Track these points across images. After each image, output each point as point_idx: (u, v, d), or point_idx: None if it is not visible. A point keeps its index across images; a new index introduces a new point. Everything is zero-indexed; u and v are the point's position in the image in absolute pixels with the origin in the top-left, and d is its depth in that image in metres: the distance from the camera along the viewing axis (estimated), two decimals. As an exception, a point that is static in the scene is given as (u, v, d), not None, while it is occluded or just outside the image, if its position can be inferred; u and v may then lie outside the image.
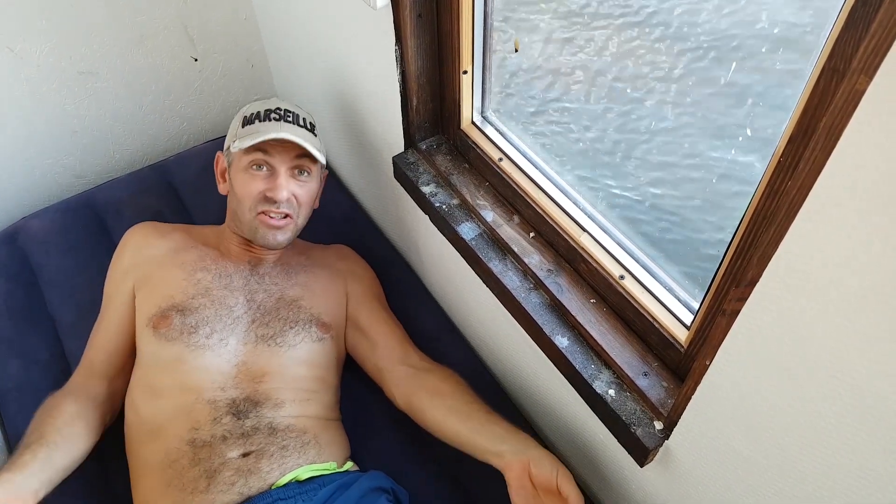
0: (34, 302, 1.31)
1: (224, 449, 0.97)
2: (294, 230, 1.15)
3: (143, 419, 1.02)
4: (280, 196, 1.09)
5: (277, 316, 1.10)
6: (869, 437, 0.56)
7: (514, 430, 0.95)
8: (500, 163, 1.05)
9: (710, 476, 0.79)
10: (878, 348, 0.52)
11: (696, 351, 0.79)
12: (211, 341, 1.04)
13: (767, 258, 0.57)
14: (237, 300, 1.10)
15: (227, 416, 1.00)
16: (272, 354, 1.06)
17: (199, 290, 1.09)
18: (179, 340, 1.03)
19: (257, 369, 1.05)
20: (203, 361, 1.03)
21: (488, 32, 1.01)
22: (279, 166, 1.09)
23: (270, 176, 1.10)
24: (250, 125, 1.11)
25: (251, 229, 1.11)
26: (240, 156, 1.10)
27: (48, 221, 1.41)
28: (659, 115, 1.13)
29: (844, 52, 0.47)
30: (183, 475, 0.95)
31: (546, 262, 0.98)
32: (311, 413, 1.06)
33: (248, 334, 1.07)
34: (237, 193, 1.12)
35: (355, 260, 1.28)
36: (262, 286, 1.13)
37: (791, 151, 0.57)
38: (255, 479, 0.95)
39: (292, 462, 0.98)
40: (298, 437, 1.01)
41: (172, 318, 1.05)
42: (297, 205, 1.13)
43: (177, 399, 1.01)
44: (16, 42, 1.34)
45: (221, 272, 1.13)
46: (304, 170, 1.13)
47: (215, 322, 1.06)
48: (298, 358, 1.08)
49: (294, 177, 1.12)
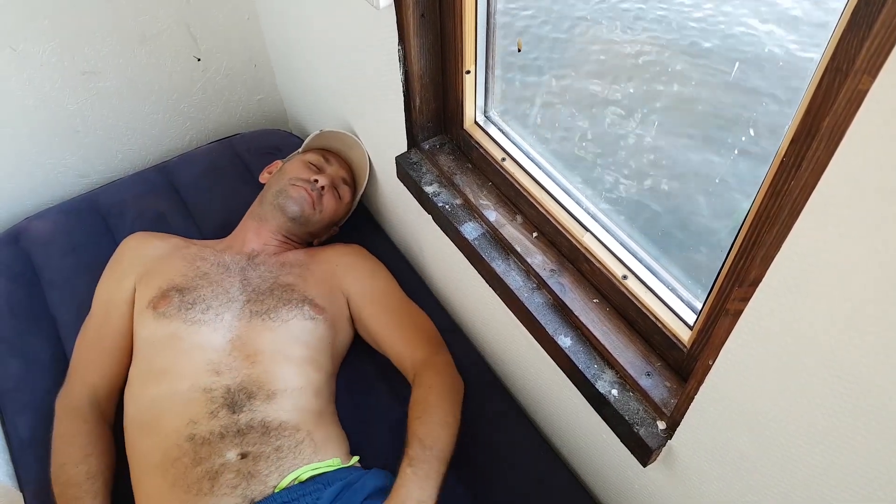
0: (36, 302, 1.32)
1: (223, 448, 0.97)
2: (308, 215, 1.24)
3: (140, 409, 1.04)
4: (323, 180, 1.25)
5: (270, 295, 1.14)
6: (871, 437, 0.56)
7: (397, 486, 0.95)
8: (502, 163, 1.05)
9: (713, 475, 0.79)
10: (880, 348, 0.52)
11: (699, 351, 0.80)
12: (207, 316, 1.09)
13: (770, 258, 0.57)
14: (233, 283, 1.15)
15: (222, 408, 1.01)
16: (265, 328, 1.09)
17: (198, 274, 1.15)
18: (177, 317, 1.08)
19: (251, 346, 1.07)
20: (199, 338, 1.06)
21: (491, 32, 1.01)
22: (329, 171, 1.29)
23: (320, 170, 1.28)
24: (323, 134, 1.35)
25: (279, 192, 1.24)
26: (301, 155, 1.31)
27: (51, 222, 1.42)
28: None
29: (847, 52, 0.47)
30: (187, 475, 0.96)
31: (549, 261, 0.98)
32: (303, 405, 1.06)
33: (242, 311, 1.12)
34: (284, 170, 1.28)
35: (363, 259, 1.28)
36: (258, 273, 1.19)
37: (794, 151, 0.57)
38: (255, 483, 0.96)
39: (288, 463, 0.99)
40: (291, 437, 1.01)
41: (172, 297, 1.10)
42: (324, 204, 1.26)
43: (172, 385, 1.02)
44: (18, 42, 1.34)
45: (219, 262, 1.19)
46: (347, 186, 1.31)
47: (212, 299, 1.11)
48: (291, 334, 1.10)
49: (336, 186, 1.29)
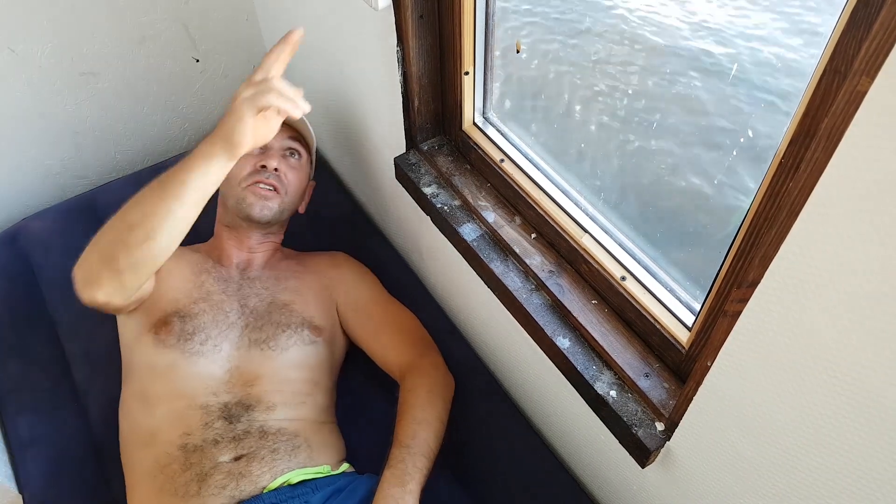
0: (34, 303, 1.32)
1: (216, 453, 0.97)
2: (280, 207, 1.16)
3: (136, 427, 1.03)
4: (270, 164, 1.14)
5: (270, 320, 1.11)
6: (869, 438, 0.56)
7: None
8: (501, 164, 1.05)
9: (712, 477, 0.79)
10: (879, 348, 0.52)
11: (697, 352, 0.80)
12: (205, 348, 1.05)
13: (769, 259, 0.57)
14: (232, 306, 1.11)
15: (218, 420, 1.00)
16: (265, 358, 1.07)
17: (202, 295, 1.10)
18: (176, 347, 1.04)
19: (250, 373, 1.05)
20: (196, 368, 1.03)
21: (490, 33, 1.01)
22: (273, 142, 1.15)
23: (263, 154, 1.16)
24: None
25: (238, 201, 1.14)
26: None
27: (49, 222, 1.41)
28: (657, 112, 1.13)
29: (846, 53, 0.47)
30: (174, 480, 0.95)
31: (547, 263, 0.98)
32: (303, 416, 1.06)
33: (241, 339, 1.08)
34: (230, 175, 1.13)
35: (348, 267, 1.27)
36: (254, 290, 1.14)
37: (792, 153, 0.57)
38: (246, 483, 0.95)
39: (283, 465, 0.98)
40: (289, 441, 1.01)
41: (173, 324, 1.06)
42: (285, 182, 1.16)
43: (170, 405, 1.01)
44: (17, 43, 1.34)
45: (219, 276, 1.15)
46: (296, 152, 1.19)
47: (211, 328, 1.07)
48: (290, 361, 1.08)
49: (284, 158, 1.17)
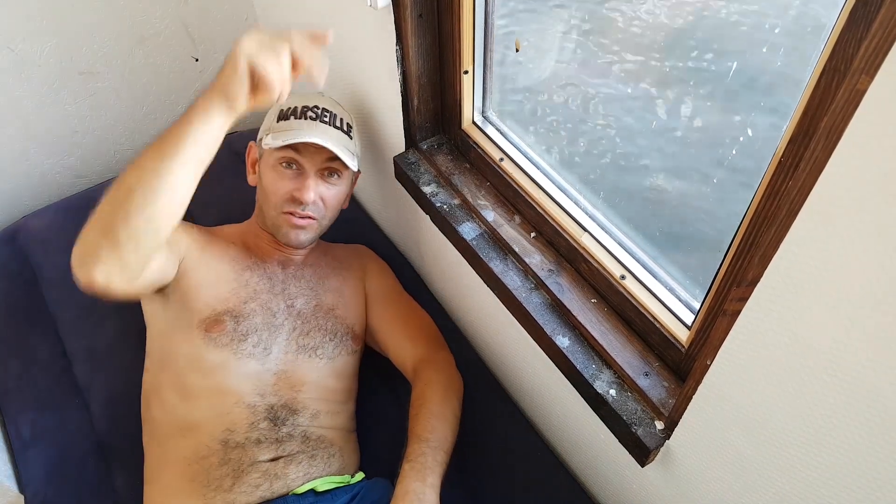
0: (34, 301, 1.31)
1: (256, 452, 0.97)
2: (317, 231, 1.14)
3: (172, 416, 1.01)
4: (307, 198, 1.07)
5: (316, 325, 1.10)
6: (869, 437, 0.56)
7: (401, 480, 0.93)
8: (500, 163, 1.05)
9: (711, 475, 0.79)
10: (878, 348, 0.52)
11: (696, 351, 0.80)
12: (257, 350, 1.04)
13: (768, 258, 0.57)
14: (279, 306, 1.09)
15: (264, 420, 1.00)
16: (312, 366, 1.07)
17: (250, 294, 1.08)
18: (228, 347, 1.02)
19: (297, 378, 1.05)
20: (246, 369, 1.02)
21: (489, 32, 1.01)
22: (309, 168, 1.08)
23: (299, 176, 1.08)
24: (285, 121, 1.09)
25: (275, 226, 1.11)
26: (271, 151, 1.09)
27: (48, 220, 1.41)
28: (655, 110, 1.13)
29: (845, 52, 0.47)
30: (209, 472, 0.95)
31: (547, 261, 0.98)
32: (339, 424, 1.07)
33: (289, 343, 1.07)
34: (265, 189, 1.11)
35: (371, 258, 1.29)
36: (300, 290, 1.13)
37: (792, 152, 0.57)
38: (279, 485, 0.96)
39: (317, 471, 1.00)
40: (327, 449, 1.02)
41: (226, 324, 1.03)
42: (323, 207, 1.11)
43: (213, 400, 1.00)
44: (16, 42, 1.33)
45: (263, 273, 1.12)
46: (335, 172, 1.11)
47: (263, 331, 1.06)
48: (335, 370, 1.09)
49: (323, 178, 1.10)
